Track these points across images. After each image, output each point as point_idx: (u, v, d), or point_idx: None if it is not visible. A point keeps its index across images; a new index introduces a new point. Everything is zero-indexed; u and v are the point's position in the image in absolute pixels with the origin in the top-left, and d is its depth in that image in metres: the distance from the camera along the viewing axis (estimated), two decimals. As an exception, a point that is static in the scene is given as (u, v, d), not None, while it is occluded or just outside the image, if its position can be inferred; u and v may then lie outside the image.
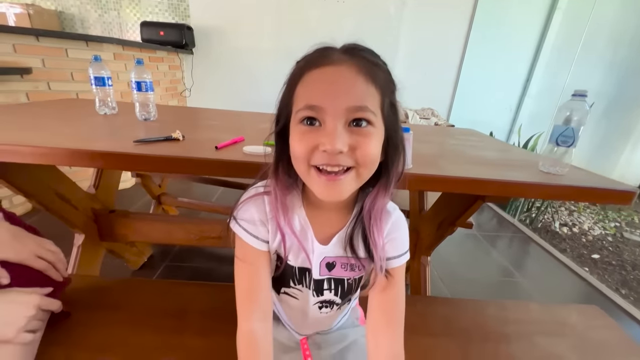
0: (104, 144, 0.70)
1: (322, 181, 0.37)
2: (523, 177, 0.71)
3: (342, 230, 0.46)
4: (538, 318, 0.76)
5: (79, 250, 1.08)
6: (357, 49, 0.39)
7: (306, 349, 0.56)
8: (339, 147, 0.35)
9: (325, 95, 0.35)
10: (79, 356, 0.58)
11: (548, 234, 2.41)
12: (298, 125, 0.37)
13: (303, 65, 0.38)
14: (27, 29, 1.85)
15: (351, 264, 0.47)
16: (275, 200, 0.43)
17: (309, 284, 0.48)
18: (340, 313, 0.57)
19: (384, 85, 0.38)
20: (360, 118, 0.36)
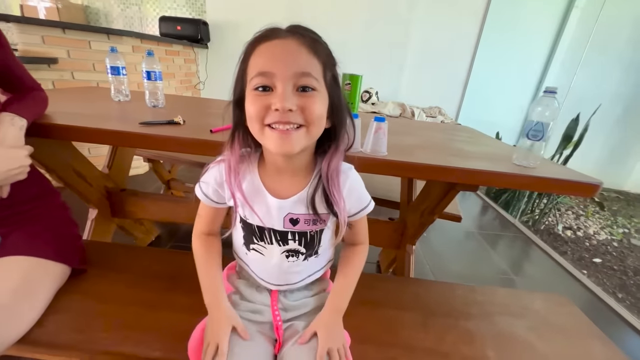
0: (114, 124, 0.79)
1: (275, 136, 0.43)
2: (493, 167, 0.75)
3: (302, 191, 0.51)
4: (502, 301, 0.81)
5: (93, 223, 1.20)
6: (301, 28, 0.45)
7: (275, 300, 0.60)
8: (288, 105, 0.41)
9: (274, 62, 0.41)
10: (89, 303, 0.68)
11: (550, 236, 2.40)
12: (252, 92, 0.43)
13: (254, 41, 0.44)
14: (54, 21, 2.00)
15: (313, 219, 0.53)
16: (228, 167, 0.50)
17: (271, 239, 0.55)
18: (308, 266, 0.60)
19: (325, 59, 0.45)
20: (306, 85, 0.42)
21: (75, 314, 0.64)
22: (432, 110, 3.11)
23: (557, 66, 3.18)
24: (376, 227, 1.25)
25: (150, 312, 0.67)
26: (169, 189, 1.91)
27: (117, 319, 0.65)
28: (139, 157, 1.65)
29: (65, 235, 0.74)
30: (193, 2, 3.11)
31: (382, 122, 0.75)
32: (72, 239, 0.75)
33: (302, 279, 0.62)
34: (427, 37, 3.13)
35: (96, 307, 0.67)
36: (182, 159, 1.65)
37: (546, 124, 0.76)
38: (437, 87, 3.29)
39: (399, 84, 3.30)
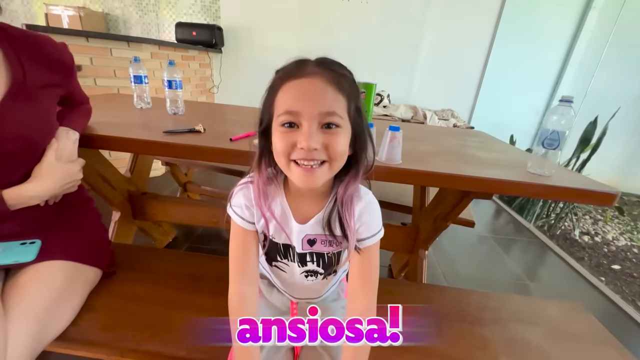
0: (139, 133, 0.84)
1: (300, 172, 0.45)
2: (507, 175, 0.76)
3: (319, 212, 0.54)
4: (517, 308, 0.81)
5: (116, 225, 1.25)
6: (327, 62, 0.47)
7: (295, 309, 0.65)
8: (313, 145, 0.43)
9: (301, 102, 0.44)
10: (118, 303, 0.73)
11: (566, 241, 2.35)
12: (279, 128, 0.45)
13: (282, 76, 0.46)
14: (78, 31, 2.09)
15: (329, 241, 0.55)
16: (257, 190, 0.52)
17: (294, 258, 0.58)
18: (327, 283, 0.65)
19: (350, 93, 0.46)
20: (330, 122, 0.44)
21: (105, 313, 0.69)
22: (445, 112, 3.09)
23: (575, 68, 3.11)
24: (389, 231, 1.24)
25: (175, 311, 0.71)
26: (186, 191, 1.96)
27: (144, 318, 0.69)
28: (157, 160, 1.71)
29: (98, 240, 0.78)
30: (208, 7, 3.19)
31: (397, 132, 0.77)
32: (104, 244, 0.80)
33: (322, 294, 0.66)
34: (440, 38, 3.11)
35: (123, 307, 0.71)
36: (199, 163, 1.70)
37: (562, 132, 0.76)
38: (449, 89, 3.27)
39: (410, 86, 3.29)
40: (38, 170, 0.64)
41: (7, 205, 0.60)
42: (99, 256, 0.76)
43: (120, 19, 3.29)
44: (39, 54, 0.65)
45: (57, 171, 0.67)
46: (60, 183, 0.67)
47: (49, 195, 0.66)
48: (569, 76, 3.14)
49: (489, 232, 2.29)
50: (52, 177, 0.66)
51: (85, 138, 0.77)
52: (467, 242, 2.10)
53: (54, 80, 0.68)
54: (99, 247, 0.77)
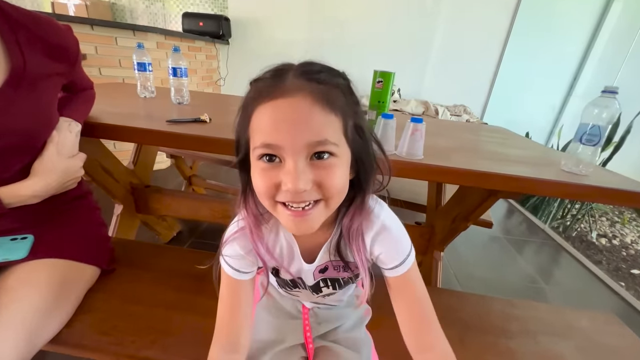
0: (141, 122, 0.78)
1: (290, 217, 0.36)
2: (540, 174, 0.69)
3: (326, 242, 0.46)
4: (545, 318, 0.75)
5: (118, 219, 1.21)
6: (313, 71, 0.35)
7: (306, 313, 0.60)
8: (301, 186, 0.33)
9: (281, 132, 0.33)
10: (116, 304, 0.68)
11: (583, 243, 2.26)
12: (258, 162, 0.36)
13: (256, 95, 0.36)
14: (83, 18, 2.04)
15: (342, 266, 0.47)
16: (250, 233, 0.43)
17: (305, 287, 0.51)
18: (346, 291, 0.59)
19: (345, 109, 0.36)
20: (322, 151, 0.34)
21: (102, 315, 0.64)
22: (457, 108, 2.99)
23: (595, 63, 2.98)
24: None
25: (177, 314, 0.66)
26: (190, 184, 1.92)
27: (144, 321, 0.64)
28: (161, 152, 1.66)
29: (97, 237, 0.74)
30: (215, -2, 3.12)
31: (419, 123, 0.71)
32: (103, 241, 0.75)
33: (338, 302, 0.61)
34: (453, 32, 3.00)
35: (122, 308, 0.66)
36: (204, 156, 1.65)
37: (603, 127, 0.69)
38: (462, 85, 3.16)
39: (421, 81, 3.19)
40: (38, 166, 0.60)
41: (4, 204, 0.55)
42: (97, 253, 0.71)
43: (127, 9, 3.24)
44: (41, 40, 0.59)
45: (58, 167, 0.62)
46: (61, 180, 0.62)
47: (49, 193, 0.61)
48: (588, 71, 3.01)
49: (502, 233, 2.21)
50: (53, 173, 0.61)
51: (85, 127, 0.72)
52: (479, 243, 2.03)
53: (57, 68, 0.63)
54: (97, 243, 0.72)
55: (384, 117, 0.73)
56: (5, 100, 0.54)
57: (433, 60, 3.11)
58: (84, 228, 0.71)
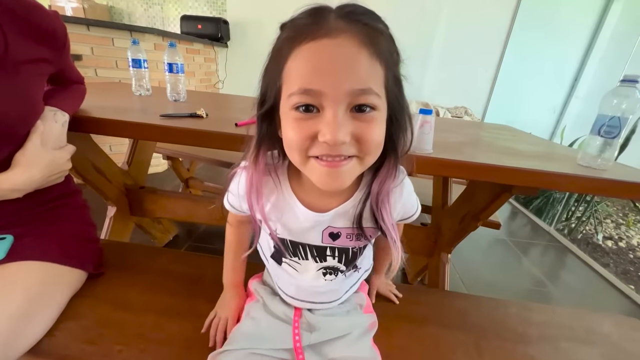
0: (134, 117, 0.74)
1: (323, 170, 0.34)
2: (556, 168, 0.65)
3: (345, 203, 0.43)
4: (565, 323, 0.70)
5: (111, 221, 1.16)
6: (357, 12, 0.33)
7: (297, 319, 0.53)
8: (341, 138, 0.31)
9: (323, 76, 0.31)
10: (104, 310, 0.62)
11: (589, 246, 2.21)
12: (291, 112, 0.33)
13: (293, 35, 0.33)
14: (79, 18, 2.01)
15: (357, 234, 0.45)
16: (250, 184, 0.42)
17: (306, 256, 0.48)
18: (347, 282, 0.53)
19: (388, 58, 0.34)
20: (364, 104, 0.32)
21: (88, 322, 0.59)
22: (458, 110, 2.97)
23: (596, 64, 2.96)
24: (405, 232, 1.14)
25: (170, 320, 0.61)
26: (188, 187, 1.87)
27: (133, 328, 0.59)
28: (158, 155, 1.62)
29: (83, 238, 0.68)
30: (214, 0, 3.10)
31: (428, 115, 0.67)
32: (90, 242, 0.70)
33: (338, 298, 0.54)
34: (453, 33, 2.99)
35: (111, 315, 0.61)
36: (202, 157, 1.60)
37: (624, 118, 0.65)
38: (462, 86, 3.14)
39: (421, 83, 3.17)
40: (20, 157, 0.55)
41: None
42: (83, 256, 0.66)
43: (125, 12, 3.22)
44: (26, 22, 0.55)
45: (43, 159, 0.57)
46: (46, 173, 0.58)
47: (32, 187, 0.56)
48: (589, 72, 2.99)
49: (506, 235, 2.17)
50: (36, 165, 0.56)
51: (74, 121, 0.67)
52: (484, 245, 1.98)
53: (42, 54, 0.59)
54: (83, 245, 0.67)
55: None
56: None
57: (433, 62, 3.09)
58: (70, 228, 0.66)
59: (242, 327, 0.52)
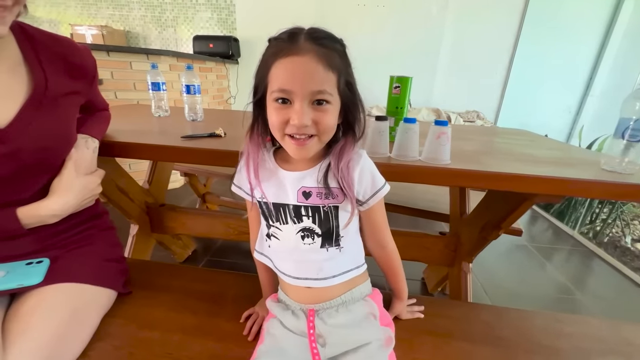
0: (157, 139, 0.77)
1: (293, 145, 0.49)
2: (580, 175, 0.63)
3: (314, 167, 0.54)
4: (599, 335, 0.67)
5: (134, 239, 1.20)
6: (319, 37, 0.47)
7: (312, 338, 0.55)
8: (304, 122, 0.46)
9: (293, 81, 0.45)
10: (132, 329, 0.64)
11: (617, 249, 2.12)
12: (273, 103, 0.48)
13: (275, 51, 0.47)
14: (100, 45, 2.12)
15: (325, 193, 0.53)
16: (247, 155, 0.55)
17: (286, 219, 0.56)
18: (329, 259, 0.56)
19: (340, 68, 0.48)
20: (320, 99, 0.46)
21: (118, 342, 0.60)
22: (470, 114, 2.94)
23: (610, 62, 2.89)
24: (424, 242, 1.14)
25: (196, 339, 0.62)
26: (204, 202, 1.91)
27: (160, 347, 0.60)
28: (175, 171, 1.67)
29: (112, 258, 0.71)
30: (224, 20, 3.21)
31: (444, 126, 0.67)
32: (119, 262, 0.73)
33: (323, 277, 0.56)
34: (461, 38, 2.99)
35: (140, 335, 0.63)
36: (218, 172, 1.64)
37: (648, 121, 0.63)
38: (473, 90, 3.12)
39: (431, 89, 3.16)
40: (57, 184, 0.59)
41: (22, 224, 0.54)
42: (113, 276, 0.68)
43: (141, 36, 3.37)
44: (61, 59, 0.60)
45: (77, 185, 0.61)
46: (80, 197, 0.61)
47: (68, 212, 0.60)
48: (604, 70, 2.92)
49: (527, 240, 2.10)
50: (72, 191, 0.60)
51: (101, 146, 0.71)
52: (504, 252, 1.93)
53: (76, 87, 0.63)
54: (113, 265, 0.70)
55: (406, 121, 0.69)
56: (26, 119, 0.53)
57: (442, 67, 3.09)
58: (100, 249, 0.69)
59: (264, 346, 0.56)
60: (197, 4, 3.19)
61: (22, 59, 0.55)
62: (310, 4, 3.03)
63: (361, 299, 0.60)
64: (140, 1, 3.23)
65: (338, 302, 0.57)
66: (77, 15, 3.34)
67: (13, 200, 0.55)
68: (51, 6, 3.33)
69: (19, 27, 0.56)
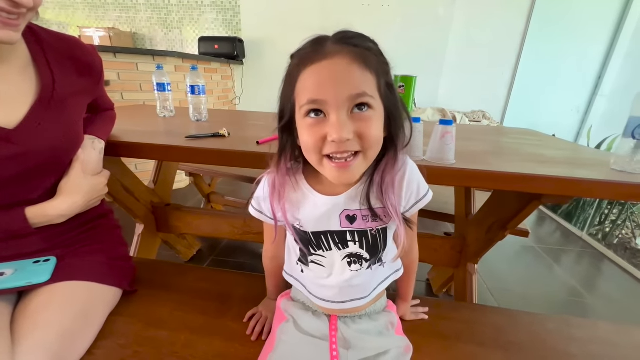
0: (161, 139, 0.78)
1: (334, 168, 0.41)
2: (589, 175, 0.62)
3: (354, 187, 0.48)
4: (610, 339, 0.65)
5: (139, 239, 1.20)
6: (348, 37, 0.40)
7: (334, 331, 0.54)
8: (345, 135, 0.38)
9: (325, 88, 0.38)
10: (138, 328, 0.64)
11: (627, 251, 2.07)
12: (305, 119, 0.40)
13: (299, 62, 0.40)
14: (107, 47, 2.14)
15: (371, 215, 0.48)
16: (272, 186, 0.49)
17: (329, 245, 0.51)
18: (373, 276, 0.54)
19: (378, 68, 0.41)
20: (362, 103, 0.39)
21: (124, 341, 0.60)
22: (476, 114, 2.91)
23: (620, 61, 2.84)
24: (430, 243, 1.13)
25: (202, 339, 0.62)
26: (209, 202, 1.92)
27: (167, 347, 0.60)
28: (180, 171, 1.68)
29: (118, 257, 0.71)
30: (229, 21, 3.23)
31: (449, 126, 0.66)
32: (124, 260, 0.73)
33: (368, 294, 0.55)
34: (467, 37, 2.96)
35: (145, 333, 0.63)
36: (223, 172, 1.65)
37: (660, 119, 0.62)
38: (479, 90, 3.09)
39: (437, 88, 3.14)
40: (65, 185, 0.59)
41: (30, 223, 0.55)
42: (120, 274, 0.68)
43: (147, 37, 3.41)
44: (69, 58, 0.60)
45: (84, 185, 0.61)
46: (87, 198, 0.62)
47: (75, 212, 0.61)
48: (613, 69, 2.87)
49: (535, 242, 2.07)
50: (79, 192, 0.60)
51: (107, 146, 0.72)
52: (512, 254, 1.90)
53: (82, 86, 0.63)
54: (119, 264, 0.70)
55: (411, 121, 0.68)
56: (36, 120, 0.54)
57: (447, 67, 3.06)
58: (106, 248, 0.69)
59: (276, 354, 0.52)
60: (203, 6, 3.21)
61: (30, 60, 0.56)
62: (315, 4, 3.03)
63: (382, 309, 0.61)
64: (146, 3, 3.26)
65: (363, 313, 0.58)
66: (85, 18, 3.39)
67: (22, 200, 0.56)
68: (60, 9, 3.38)
69: (27, 29, 0.56)
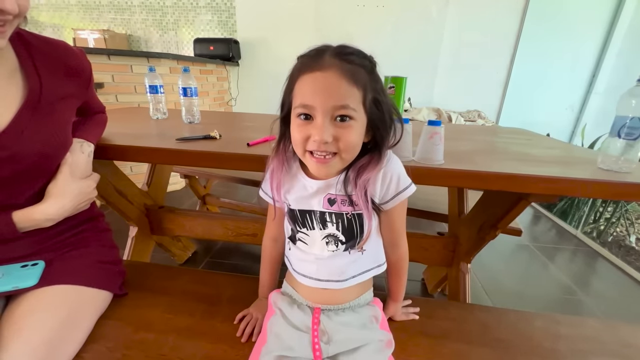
0: (152, 142, 0.78)
1: (314, 162, 0.48)
2: (575, 174, 0.63)
3: (337, 176, 0.54)
4: (596, 336, 0.66)
5: (133, 241, 1.20)
6: (345, 53, 0.46)
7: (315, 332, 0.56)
8: (325, 138, 0.45)
9: (315, 96, 0.45)
10: (127, 331, 0.64)
11: (621, 249, 2.09)
12: (296, 119, 0.48)
13: (300, 67, 0.47)
14: (100, 49, 2.14)
15: (347, 200, 0.54)
16: (271, 171, 0.57)
17: (312, 225, 0.57)
18: (351, 263, 0.58)
19: (366, 84, 0.46)
20: (343, 115, 0.45)
21: (112, 344, 0.61)
22: (471, 114, 2.92)
23: (613, 59, 2.86)
24: (422, 242, 1.13)
25: (189, 341, 0.62)
26: (205, 204, 1.92)
27: (154, 349, 0.60)
28: (175, 173, 1.68)
29: (108, 260, 0.71)
30: (225, 22, 3.23)
31: (437, 126, 0.66)
32: (114, 264, 0.73)
33: (345, 279, 0.58)
34: (461, 37, 2.98)
35: (134, 336, 0.63)
36: (217, 174, 1.65)
37: (644, 119, 0.62)
38: (474, 90, 3.10)
39: (432, 88, 3.15)
40: (52, 188, 0.59)
41: (17, 228, 0.55)
42: (109, 277, 0.68)
43: (142, 39, 3.40)
44: (57, 62, 0.60)
45: (73, 189, 0.61)
46: (75, 202, 0.62)
47: (63, 216, 0.61)
48: (607, 68, 2.89)
49: (530, 240, 2.08)
50: (67, 196, 0.60)
51: (98, 149, 0.72)
52: (506, 252, 1.91)
53: (71, 90, 0.63)
54: (109, 267, 0.70)
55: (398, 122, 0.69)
56: (22, 124, 0.54)
57: (442, 67, 3.08)
58: (95, 251, 0.69)
59: (268, 346, 0.55)
60: (198, 7, 3.21)
61: (18, 65, 0.56)
62: (310, 5, 3.03)
63: (366, 304, 0.63)
64: (141, 5, 3.26)
65: (346, 306, 0.60)
66: (79, 20, 3.38)
67: (8, 204, 0.56)
68: (54, 11, 3.37)
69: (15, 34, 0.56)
